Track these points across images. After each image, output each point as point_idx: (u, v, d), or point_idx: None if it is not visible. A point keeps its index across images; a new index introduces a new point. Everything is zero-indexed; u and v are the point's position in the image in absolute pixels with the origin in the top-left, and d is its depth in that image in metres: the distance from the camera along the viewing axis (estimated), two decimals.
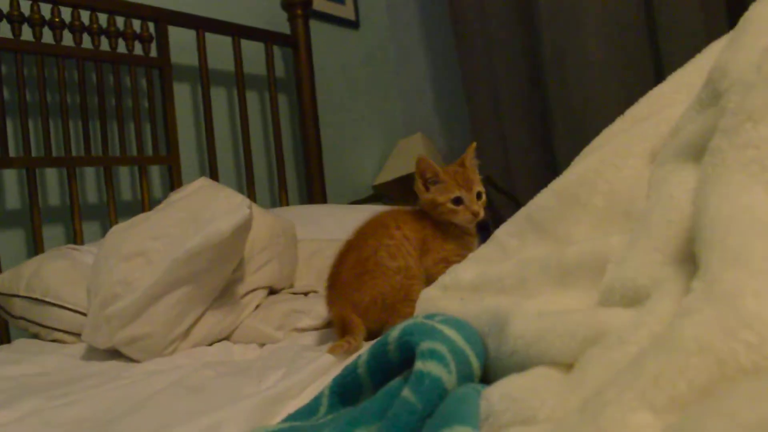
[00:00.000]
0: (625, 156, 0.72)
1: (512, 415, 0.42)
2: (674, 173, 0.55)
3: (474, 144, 1.31)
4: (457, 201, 1.23)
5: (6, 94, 1.78)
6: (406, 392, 0.46)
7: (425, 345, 0.49)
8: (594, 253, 0.58)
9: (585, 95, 2.17)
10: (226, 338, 1.39)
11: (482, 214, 1.25)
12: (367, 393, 0.57)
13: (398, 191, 2.78)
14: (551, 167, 2.30)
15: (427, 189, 1.27)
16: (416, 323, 0.52)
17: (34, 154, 1.83)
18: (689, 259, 0.46)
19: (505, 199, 2.37)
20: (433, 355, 0.48)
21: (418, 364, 0.48)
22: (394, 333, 0.53)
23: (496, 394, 0.45)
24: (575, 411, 0.38)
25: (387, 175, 2.78)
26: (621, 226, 0.65)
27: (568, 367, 0.46)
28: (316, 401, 0.61)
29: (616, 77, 2.14)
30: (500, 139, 2.47)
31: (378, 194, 2.81)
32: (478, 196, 1.26)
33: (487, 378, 0.54)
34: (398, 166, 2.75)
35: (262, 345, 1.34)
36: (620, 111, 0.85)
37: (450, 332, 0.52)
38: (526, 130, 2.40)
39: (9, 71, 1.81)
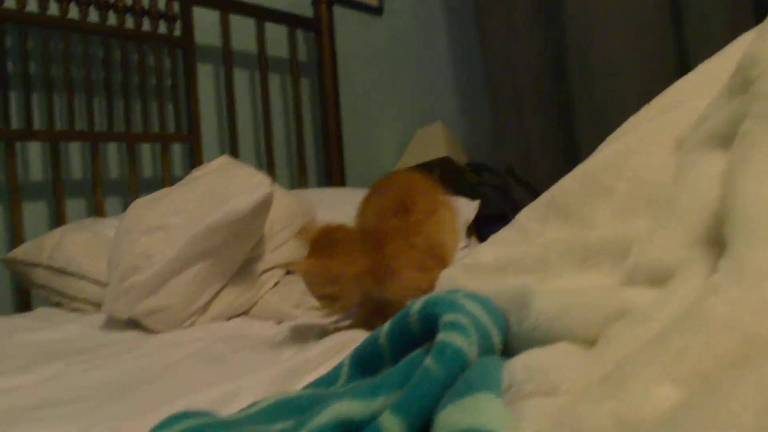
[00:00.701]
0: (651, 143, 0.71)
1: (534, 386, 0.42)
2: (702, 158, 0.56)
3: None
4: None
5: (32, 67, 1.80)
6: (428, 361, 0.47)
7: (448, 317, 0.49)
8: (618, 236, 0.59)
9: (607, 88, 2.16)
10: (244, 314, 1.41)
11: None
12: (387, 365, 0.57)
13: None
14: (572, 159, 2.28)
15: None
16: (439, 296, 0.53)
17: (58, 128, 1.85)
18: (716, 242, 0.47)
19: (525, 190, 2.37)
20: (455, 326, 0.49)
21: (441, 335, 0.48)
22: (417, 305, 0.54)
23: (518, 365, 0.45)
24: (597, 383, 0.38)
25: (406, 162, 2.78)
26: (645, 212, 0.64)
27: (590, 344, 0.47)
28: (336, 371, 0.62)
29: (639, 72, 2.12)
30: (521, 130, 2.47)
31: None
32: None
33: (508, 354, 0.55)
34: (417, 154, 2.75)
35: (279, 322, 1.35)
36: (643, 105, 0.85)
37: (472, 306, 0.52)
38: (547, 121, 2.40)
39: (35, 45, 1.83)
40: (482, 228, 2.12)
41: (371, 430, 0.46)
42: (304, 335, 1.16)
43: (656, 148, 0.70)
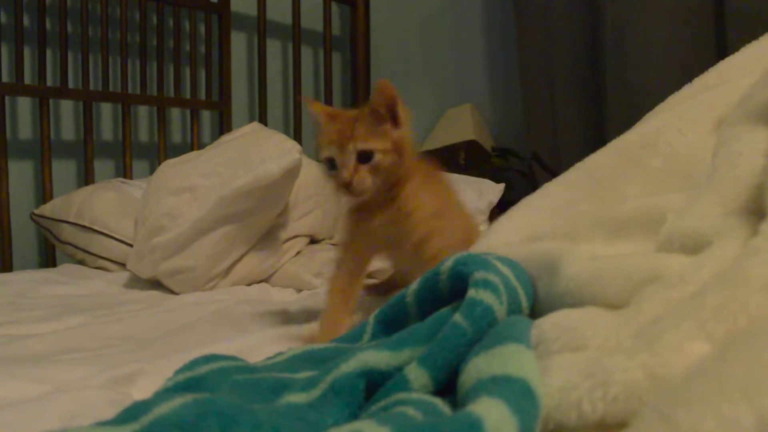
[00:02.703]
0: (690, 121, 0.70)
1: (563, 343, 0.42)
2: (745, 132, 0.55)
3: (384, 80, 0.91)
4: (329, 163, 0.90)
5: (69, 27, 1.82)
6: (457, 317, 0.47)
7: (479, 275, 0.49)
8: (651, 207, 0.58)
9: (643, 78, 2.12)
10: (265, 281, 1.42)
11: (360, 185, 0.87)
12: (413, 323, 0.57)
13: (442, 161, 2.76)
14: (599, 148, 2.26)
15: None
16: (470, 255, 0.53)
17: (92, 88, 1.87)
18: (756, 213, 0.46)
19: (551, 177, 2.35)
20: (486, 284, 0.48)
21: (471, 292, 0.48)
22: (448, 263, 0.53)
23: (547, 323, 0.45)
24: (629, 338, 0.38)
25: (432, 143, 2.77)
26: (679, 188, 0.64)
27: (621, 309, 0.46)
28: (361, 328, 0.62)
29: (677, 62, 2.08)
30: (551, 117, 2.44)
31: None
32: (364, 156, 0.87)
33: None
34: (444, 135, 2.73)
35: (299, 291, 1.36)
36: None
37: (503, 268, 0.52)
38: (578, 109, 2.36)
39: (74, 5, 1.84)
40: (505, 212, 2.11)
41: (397, 380, 0.46)
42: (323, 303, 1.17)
43: (695, 125, 0.69)
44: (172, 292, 1.33)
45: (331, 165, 0.89)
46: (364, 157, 0.87)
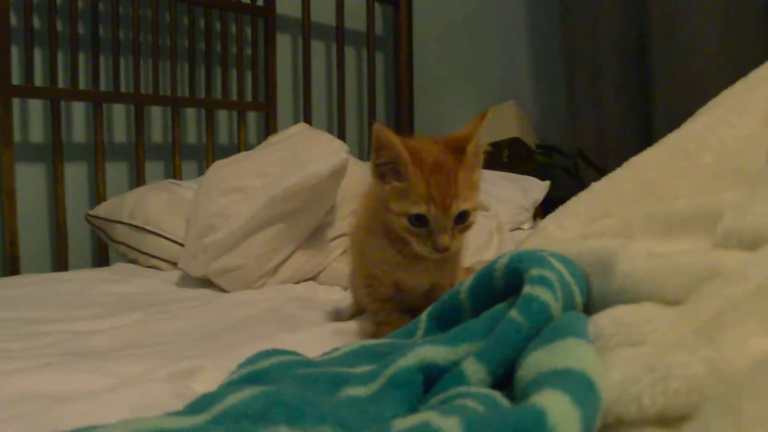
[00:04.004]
0: (742, 114, 0.70)
1: (621, 339, 0.42)
2: None
3: (488, 114, 0.84)
4: (419, 220, 0.77)
5: (121, 34, 1.87)
6: (514, 313, 0.48)
7: (535, 271, 0.50)
8: (704, 206, 0.57)
9: (692, 70, 2.08)
10: (312, 279, 1.44)
11: (452, 248, 0.79)
12: (466, 319, 0.58)
13: (484, 160, 2.75)
14: (648, 144, 2.23)
15: (383, 177, 0.80)
16: (526, 251, 0.53)
17: (143, 91, 1.92)
18: None
19: (597, 174, 2.32)
20: (543, 281, 0.49)
21: (527, 288, 0.49)
22: (503, 260, 0.54)
23: (604, 318, 0.45)
24: (690, 334, 0.38)
25: None
26: (731, 184, 0.63)
27: (678, 305, 0.46)
28: (414, 325, 0.63)
29: (727, 55, 2.04)
30: (597, 113, 2.41)
31: None
32: (461, 217, 0.78)
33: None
34: (487, 133, 2.72)
35: (345, 288, 1.38)
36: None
37: (557, 264, 0.53)
38: (625, 104, 2.33)
39: (125, 12, 1.89)
40: (550, 210, 2.10)
41: (455, 374, 0.47)
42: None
43: (747, 119, 0.68)
44: (222, 290, 1.36)
45: (419, 222, 0.77)
46: (461, 217, 0.78)
